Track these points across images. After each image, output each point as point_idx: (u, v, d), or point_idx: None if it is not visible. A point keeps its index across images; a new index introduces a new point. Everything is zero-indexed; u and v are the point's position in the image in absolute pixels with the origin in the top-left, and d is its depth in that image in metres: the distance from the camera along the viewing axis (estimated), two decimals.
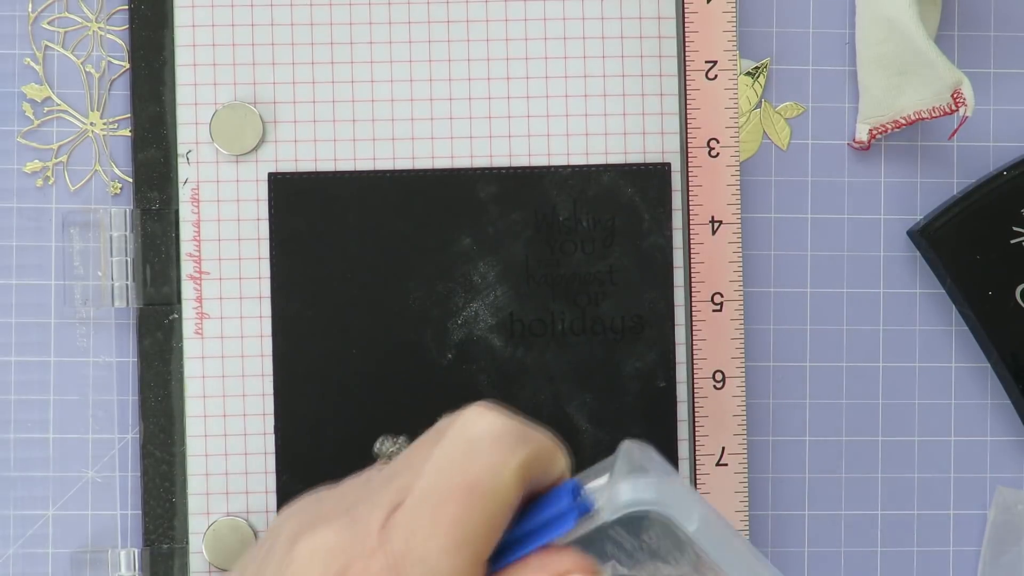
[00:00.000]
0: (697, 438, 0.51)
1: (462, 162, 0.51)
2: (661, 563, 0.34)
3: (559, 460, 0.33)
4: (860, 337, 0.53)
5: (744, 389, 0.51)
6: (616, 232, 0.51)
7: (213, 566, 0.50)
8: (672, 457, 0.51)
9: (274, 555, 0.34)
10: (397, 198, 0.50)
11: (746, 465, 0.51)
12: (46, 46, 0.51)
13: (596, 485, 0.33)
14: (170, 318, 0.50)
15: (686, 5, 0.51)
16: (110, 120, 0.51)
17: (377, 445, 0.47)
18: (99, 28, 0.51)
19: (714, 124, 0.51)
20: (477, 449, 0.32)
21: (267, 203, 0.50)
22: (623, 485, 0.32)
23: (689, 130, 0.51)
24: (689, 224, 0.51)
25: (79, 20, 0.51)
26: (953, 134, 0.52)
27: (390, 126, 0.51)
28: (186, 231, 0.50)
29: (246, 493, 0.50)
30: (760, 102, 0.52)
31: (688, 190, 0.51)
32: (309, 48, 0.51)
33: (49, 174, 0.51)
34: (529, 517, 0.33)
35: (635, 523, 0.33)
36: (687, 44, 0.51)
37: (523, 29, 0.51)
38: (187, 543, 0.50)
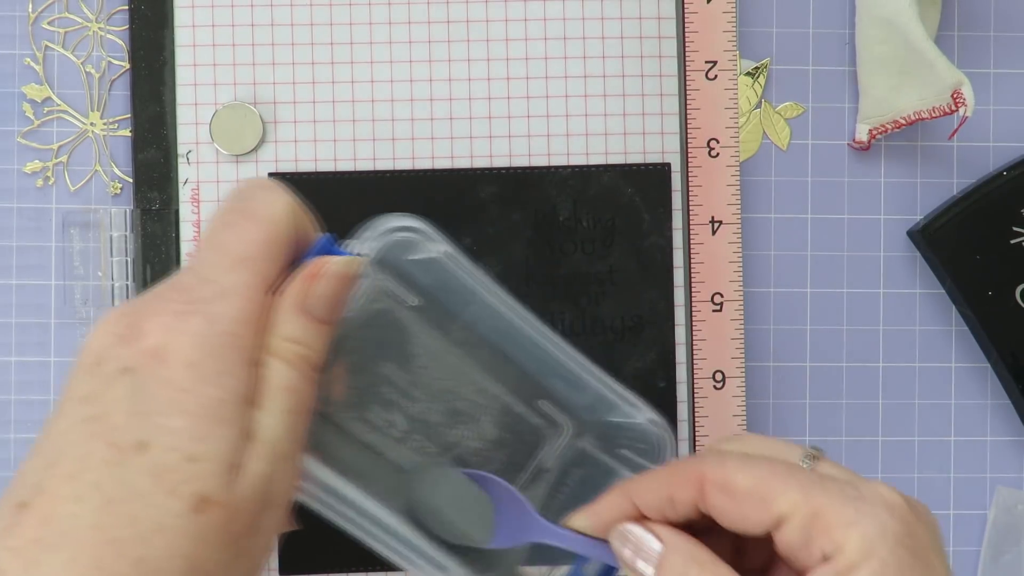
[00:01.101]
0: (697, 438, 0.51)
1: (462, 162, 0.51)
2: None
3: (313, 228, 0.37)
4: (860, 337, 0.53)
5: (744, 389, 0.51)
6: (616, 232, 0.51)
7: None
8: (672, 457, 0.51)
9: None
10: (397, 198, 0.50)
11: None
12: (46, 46, 0.51)
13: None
14: None
15: (686, 5, 0.51)
16: (110, 120, 0.51)
17: None
18: (99, 28, 0.51)
19: (714, 124, 0.51)
20: (249, 192, 0.35)
21: None
22: (368, 231, 0.38)
23: (689, 130, 0.51)
24: (689, 224, 0.51)
25: (79, 20, 0.51)
26: (953, 134, 0.52)
27: (390, 126, 0.51)
28: (186, 231, 0.50)
29: None
30: (760, 102, 0.52)
31: (688, 190, 0.51)
32: (309, 48, 0.51)
33: (49, 174, 0.51)
34: (300, 266, 0.36)
35: (409, 360, 0.40)
36: (687, 44, 0.51)
37: (523, 29, 0.51)
38: None
